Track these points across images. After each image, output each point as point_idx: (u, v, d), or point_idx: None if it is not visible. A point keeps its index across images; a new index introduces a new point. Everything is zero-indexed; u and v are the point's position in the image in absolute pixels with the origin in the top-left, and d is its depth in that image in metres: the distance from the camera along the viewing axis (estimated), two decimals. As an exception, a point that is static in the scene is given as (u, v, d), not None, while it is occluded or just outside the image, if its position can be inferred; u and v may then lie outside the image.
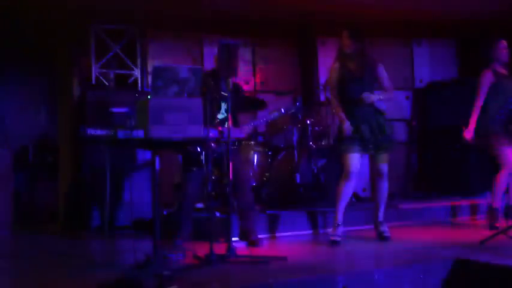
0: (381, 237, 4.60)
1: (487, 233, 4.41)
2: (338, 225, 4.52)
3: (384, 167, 4.58)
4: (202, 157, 4.11)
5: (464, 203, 5.83)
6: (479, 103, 4.98)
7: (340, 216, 4.53)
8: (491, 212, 5.04)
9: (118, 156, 5.04)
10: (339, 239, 4.47)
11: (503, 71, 5.04)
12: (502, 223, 4.86)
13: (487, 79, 4.98)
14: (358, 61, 4.54)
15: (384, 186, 4.62)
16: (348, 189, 4.52)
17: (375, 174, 4.65)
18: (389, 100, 4.70)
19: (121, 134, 3.30)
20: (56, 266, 4.04)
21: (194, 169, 4.34)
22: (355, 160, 4.48)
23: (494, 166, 5.01)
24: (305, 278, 3.31)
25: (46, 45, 6.71)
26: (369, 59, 4.60)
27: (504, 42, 5.03)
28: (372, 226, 4.81)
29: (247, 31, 6.82)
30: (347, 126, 4.47)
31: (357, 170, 4.50)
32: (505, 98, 4.90)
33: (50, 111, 7.30)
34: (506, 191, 5.11)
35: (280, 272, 3.52)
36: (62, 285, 3.34)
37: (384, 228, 4.63)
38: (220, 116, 4.44)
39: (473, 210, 5.76)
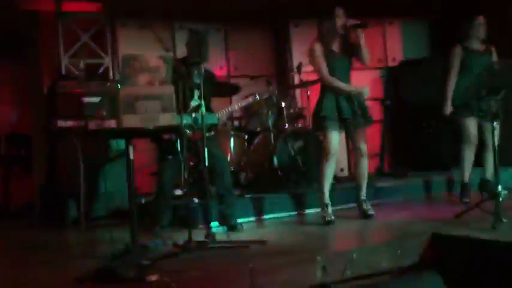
0: (365, 216, 4.64)
1: (462, 207, 4.49)
2: (327, 204, 4.57)
3: (364, 146, 4.62)
4: (178, 144, 4.08)
5: (439, 178, 5.92)
6: (452, 78, 5.03)
7: (327, 196, 4.57)
8: (462, 186, 5.12)
9: (92, 146, 4.98)
10: (333, 217, 4.52)
11: (479, 47, 5.08)
12: (476, 196, 4.95)
13: (456, 54, 5.03)
14: (341, 40, 4.56)
15: (365, 165, 4.67)
16: (331, 168, 4.56)
17: (355, 153, 4.68)
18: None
19: (92, 124, 3.25)
20: (35, 259, 4.00)
21: (170, 157, 4.32)
22: (336, 139, 4.51)
23: (459, 141, 5.07)
24: (284, 260, 3.34)
25: (14, 35, 6.56)
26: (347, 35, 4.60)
27: (481, 18, 5.05)
28: (352, 205, 4.86)
29: (219, 16, 6.76)
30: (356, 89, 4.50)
31: (337, 148, 4.55)
32: (474, 73, 4.93)
33: (21, 102, 7.17)
34: (483, 165, 5.16)
35: (260, 255, 3.54)
36: (42, 278, 3.31)
37: (367, 206, 4.69)
38: (193, 103, 4.40)
39: (449, 185, 5.84)
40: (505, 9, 6.37)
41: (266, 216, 5.05)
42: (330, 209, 4.58)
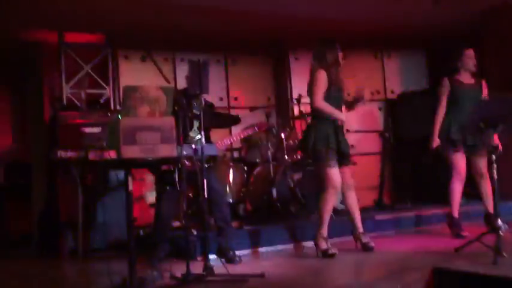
0: (366, 248, 4.60)
1: (461, 241, 4.45)
2: (325, 238, 4.54)
3: (350, 178, 4.64)
4: (176, 175, 4.08)
5: (438, 211, 5.89)
6: (440, 112, 5.06)
7: (326, 229, 4.54)
8: (451, 221, 5.08)
9: (91, 177, 4.98)
10: (334, 250, 4.48)
11: (468, 80, 5.11)
12: (475, 229, 4.91)
13: (444, 87, 5.06)
14: (339, 71, 4.64)
15: (354, 196, 4.67)
16: (333, 202, 4.57)
17: (344, 186, 4.65)
18: None
19: (92, 155, 3.26)
20: (30, 291, 3.96)
21: (168, 188, 4.31)
22: (338, 172, 4.52)
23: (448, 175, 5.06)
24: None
25: (17, 65, 6.62)
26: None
27: (471, 51, 5.10)
28: (350, 237, 4.83)
29: (220, 48, 6.84)
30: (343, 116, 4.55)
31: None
32: (460, 106, 4.96)
33: (21, 132, 7.19)
34: (484, 198, 5.12)
35: (259, 289, 3.50)
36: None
37: (367, 238, 4.66)
38: (193, 134, 4.42)
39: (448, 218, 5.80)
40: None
41: (265, 249, 5.01)
42: (329, 243, 4.54)
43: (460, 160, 4.98)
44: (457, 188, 5.02)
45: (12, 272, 4.76)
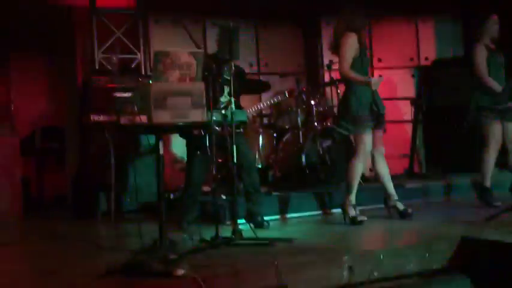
0: (404, 215, 4.56)
1: (492, 210, 4.40)
2: (354, 205, 4.53)
3: (382, 144, 4.60)
4: (207, 140, 4.11)
5: (469, 181, 5.80)
6: (486, 77, 4.91)
7: (354, 196, 4.54)
8: (483, 191, 5.02)
9: (123, 140, 5.06)
10: (363, 217, 4.49)
11: (492, 46, 5.00)
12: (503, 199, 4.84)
13: (483, 53, 4.95)
14: (363, 33, 4.57)
15: (385, 163, 4.62)
16: (361, 168, 4.54)
17: (375, 152, 4.59)
18: None
19: (124, 119, 3.30)
20: (65, 250, 4.09)
21: (199, 153, 4.35)
22: (370, 138, 4.48)
23: (482, 144, 4.98)
24: (310, 259, 3.33)
25: (49, 30, 6.69)
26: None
27: (495, 17, 4.98)
28: (379, 205, 4.82)
29: (250, 14, 6.76)
30: (374, 80, 4.43)
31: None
32: (494, 74, 4.87)
33: (55, 96, 7.32)
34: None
35: (286, 253, 3.54)
36: (72, 269, 3.38)
37: (403, 205, 4.62)
38: (223, 99, 4.43)
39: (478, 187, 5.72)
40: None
41: (293, 215, 5.05)
42: (357, 209, 4.55)
43: (496, 128, 4.89)
44: (492, 156, 4.94)
45: (48, 233, 4.92)
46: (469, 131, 6.34)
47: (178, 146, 5.83)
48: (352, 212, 4.52)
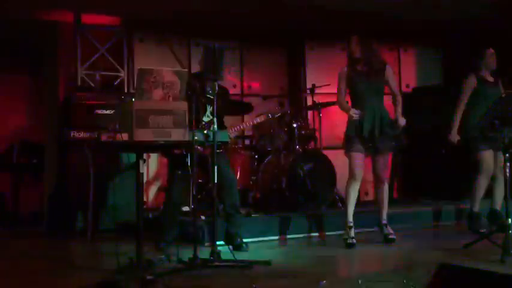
0: (387, 240, 4.64)
1: (471, 237, 4.43)
2: (350, 226, 4.56)
3: (382, 171, 4.67)
4: (188, 160, 4.09)
5: (448, 207, 5.86)
6: (461, 106, 5.08)
7: (350, 217, 4.57)
8: (471, 217, 5.10)
9: (102, 158, 5.00)
10: (354, 241, 4.52)
11: (489, 78, 5.13)
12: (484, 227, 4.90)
13: (470, 83, 5.07)
14: (365, 63, 4.61)
15: (384, 188, 4.71)
16: (354, 189, 4.58)
17: (375, 177, 4.71)
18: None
19: (105, 136, 3.28)
20: (38, 268, 4.00)
21: (179, 172, 4.32)
22: (359, 159, 4.53)
23: (474, 171, 5.06)
24: (288, 283, 3.31)
25: (32, 45, 6.65)
26: (376, 60, 4.65)
27: (491, 50, 5.13)
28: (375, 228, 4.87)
29: (236, 35, 6.81)
30: (354, 111, 4.53)
31: (361, 169, 4.56)
32: (486, 104, 4.95)
33: (35, 112, 7.23)
34: (491, 196, 5.15)
35: (264, 276, 3.52)
36: (45, 287, 3.30)
37: (389, 230, 4.68)
38: (205, 119, 4.43)
39: (458, 214, 5.78)
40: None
41: (272, 237, 5.02)
42: (352, 232, 4.57)
43: (489, 156, 4.98)
44: (484, 184, 5.03)
45: (22, 250, 4.81)
46: (446, 158, 6.44)
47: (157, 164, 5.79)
48: (346, 233, 4.57)
